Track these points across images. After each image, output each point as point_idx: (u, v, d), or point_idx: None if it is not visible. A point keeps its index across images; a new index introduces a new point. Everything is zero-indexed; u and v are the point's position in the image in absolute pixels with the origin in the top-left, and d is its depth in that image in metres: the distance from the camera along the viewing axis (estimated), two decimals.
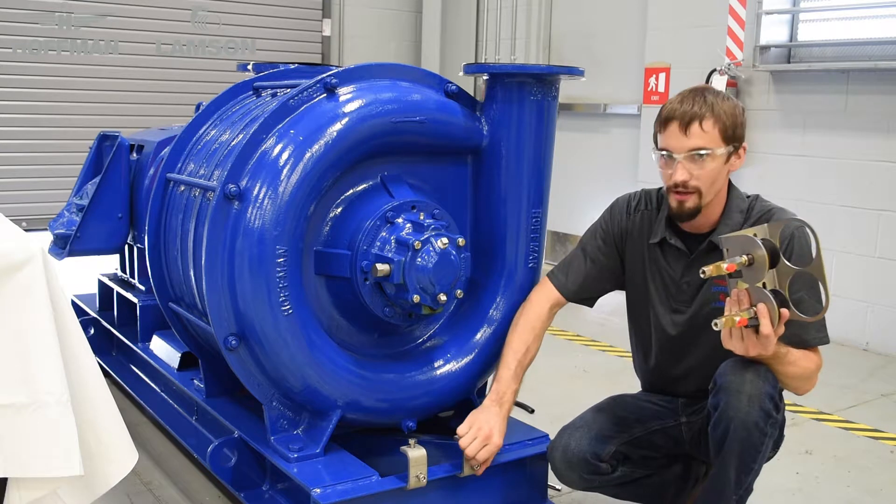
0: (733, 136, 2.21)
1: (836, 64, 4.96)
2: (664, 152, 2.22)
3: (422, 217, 2.43)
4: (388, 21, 8.29)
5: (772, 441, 2.10)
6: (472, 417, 2.35)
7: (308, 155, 2.28)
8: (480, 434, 2.30)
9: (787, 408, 2.21)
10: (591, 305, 2.53)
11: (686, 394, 2.41)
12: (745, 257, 1.97)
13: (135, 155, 3.62)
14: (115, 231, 3.55)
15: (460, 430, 2.32)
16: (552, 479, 2.56)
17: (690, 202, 2.22)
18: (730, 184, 2.30)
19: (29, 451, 1.70)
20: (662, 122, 2.24)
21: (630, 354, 2.62)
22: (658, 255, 2.36)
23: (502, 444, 2.35)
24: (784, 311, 1.97)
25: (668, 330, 2.36)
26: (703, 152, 2.17)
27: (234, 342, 2.32)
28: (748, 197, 2.32)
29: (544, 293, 2.49)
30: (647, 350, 2.46)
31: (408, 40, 8.40)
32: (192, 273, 2.62)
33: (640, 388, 2.59)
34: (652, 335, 2.41)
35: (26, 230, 2.10)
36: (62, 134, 6.90)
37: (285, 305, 2.27)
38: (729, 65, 5.37)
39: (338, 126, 2.32)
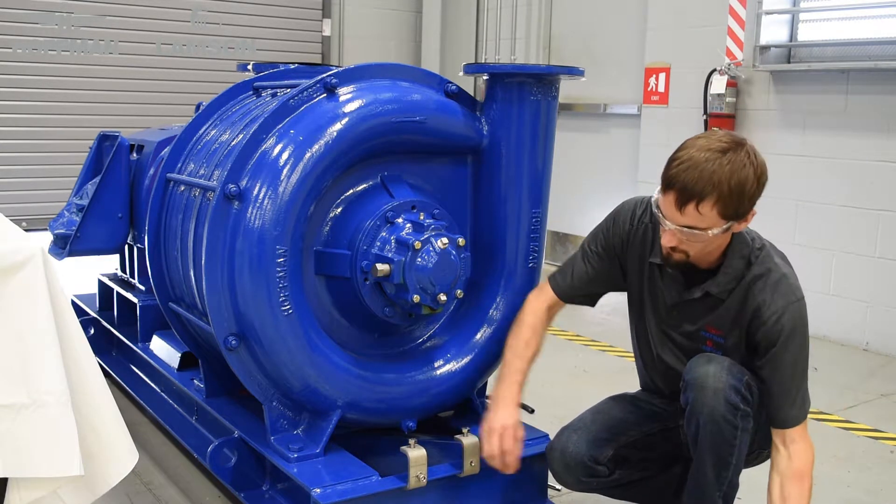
0: (736, 214, 2.02)
1: (836, 64, 4.95)
2: (660, 212, 2.09)
3: (422, 217, 2.43)
4: (388, 21, 8.29)
5: (747, 434, 2.09)
6: (481, 429, 2.34)
7: (308, 155, 2.28)
8: (492, 432, 2.28)
9: None
10: (593, 305, 2.51)
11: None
12: None
13: (135, 155, 3.62)
14: (115, 231, 3.55)
15: (483, 451, 2.31)
16: (552, 479, 2.56)
17: (677, 256, 2.14)
18: None
19: (29, 451, 1.70)
20: (664, 183, 2.04)
21: (630, 354, 2.62)
22: (656, 274, 2.30)
23: (520, 425, 2.31)
24: None
25: (657, 347, 2.36)
26: (697, 230, 2.03)
27: (234, 342, 2.32)
28: (753, 240, 2.18)
29: (542, 296, 2.48)
30: (644, 354, 2.45)
31: (408, 40, 8.40)
32: (192, 273, 2.62)
33: (639, 388, 2.58)
34: (647, 344, 2.41)
35: (26, 230, 2.10)
36: (62, 134, 6.90)
37: (285, 305, 2.27)
38: (729, 65, 5.37)
39: (338, 126, 2.32)
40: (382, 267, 2.32)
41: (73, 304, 3.92)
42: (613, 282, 2.43)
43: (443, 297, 2.36)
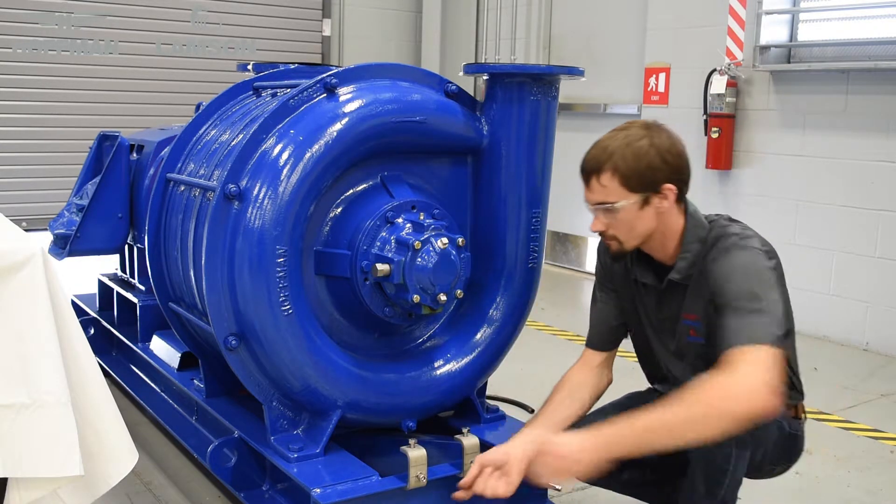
0: (641, 184, 2.05)
1: (836, 64, 4.96)
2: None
3: (422, 217, 2.43)
4: (388, 21, 8.29)
5: (742, 461, 2.02)
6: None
7: (308, 155, 2.28)
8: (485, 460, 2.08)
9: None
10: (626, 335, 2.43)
11: None
12: None
13: (135, 155, 3.62)
14: (115, 231, 3.55)
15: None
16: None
17: (614, 246, 2.16)
18: (687, 210, 2.16)
19: (29, 451, 1.70)
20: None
21: (632, 354, 2.60)
22: (641, 290, 2.29)
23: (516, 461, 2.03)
24: None
25: (661, 358, 2.33)
26: (606, 206, 2.08)
27: (234, 342, 2.32)
28: (710, 221, 2.16)
29: (581, 358, 2.41)
30: (654, 373, 2.41)
31: (408, 40, 8.40)
32: (192, 273, 2.62)
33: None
34: (656, 362, 2.37)
35: (26, 230, 2.10)
36: (62, 134, 6.90)
37: (285, 305, 2.27)
38: (729, 65, 5.37)
39: (338, 126, 2.32)
40: (382, 267, 2.32)
41: (73, 304, 3.92)
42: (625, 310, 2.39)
43: (443, 297, 2.36)
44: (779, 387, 1.78)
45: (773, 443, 2.13)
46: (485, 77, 2.62)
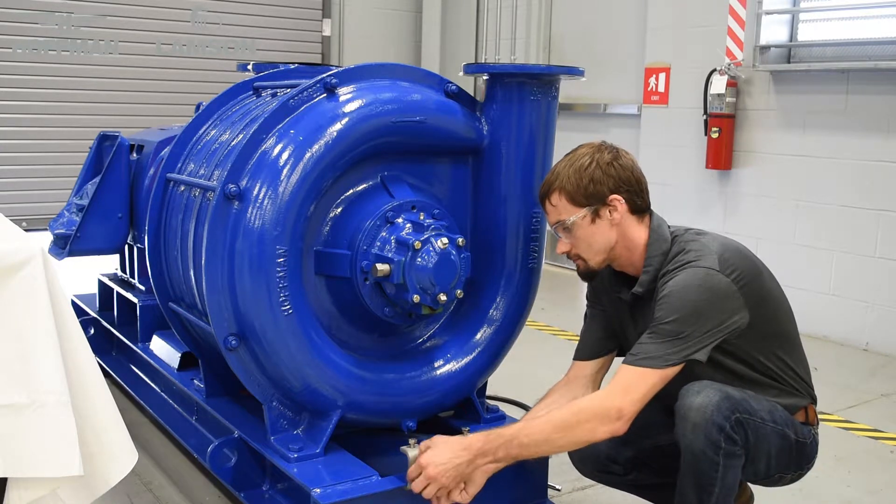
0: (587, 198, 2.15)
1: (836, 64, 4.96)
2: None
3: (422, 217, 2.43)
4: (388, 21, 8.29)
5: (732, 470, 2.02)
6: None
7: (308, 155, 2.28)
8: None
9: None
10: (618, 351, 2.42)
11: None
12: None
13: (135, 155, 3.62)
14: (115, 231, 3.55)
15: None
16: (552, 479, 2.56)
17: (581, 266, 2.25)
18: (652, 224, 2.20)
19: (29, 451, 1.70)
20: None
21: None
22: (620, 304, 2.30)
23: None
24: None
25: None
26: (563, 224, 2.19)
27: (234, 342, 2.32)
28: (674, 235, 2.20)
29: (567, 373, 2.40)
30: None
31: (408, 40, 8.40)
32: (192, 273, 2.62)
33: None
34: None
35: (26, 230, 2.10)
36: (62, 134, 6.91)
37: (285, 305, 2.27)
38: (729, 65, 5.37)
39: (338, 126, 2.32)
40: (382, 267, 2.32)
41: (73, 304, 3.92)
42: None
43: (443, 297, 2.36)
44: (632, 411, 2.02)
45: (778, 452, 2.12)
46: (485, 77, 2.62)
